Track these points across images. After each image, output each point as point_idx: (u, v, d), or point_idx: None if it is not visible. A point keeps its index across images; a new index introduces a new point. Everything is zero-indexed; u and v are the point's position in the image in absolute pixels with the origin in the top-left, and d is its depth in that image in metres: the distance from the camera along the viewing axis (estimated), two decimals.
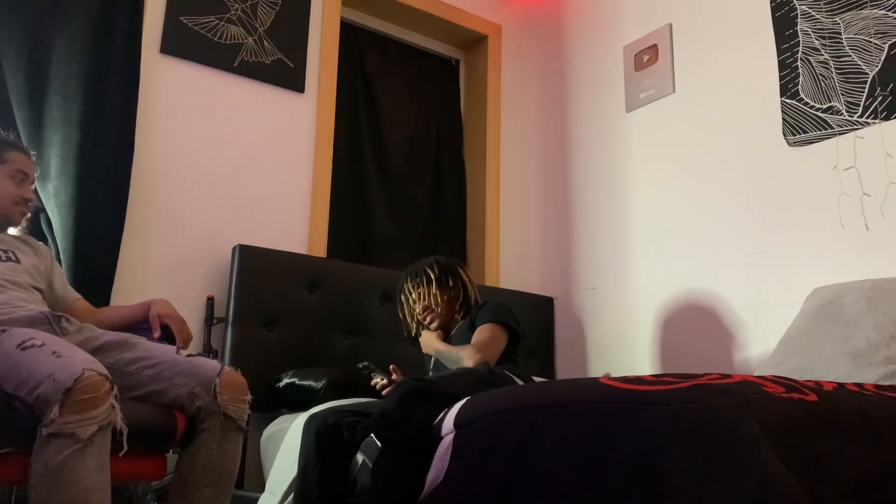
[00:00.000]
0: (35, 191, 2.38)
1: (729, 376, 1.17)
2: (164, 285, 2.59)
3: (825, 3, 2.58)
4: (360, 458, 1.91)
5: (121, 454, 1.47)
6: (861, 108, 2.43)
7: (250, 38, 2.94)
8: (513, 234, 3.58)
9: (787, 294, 2.52)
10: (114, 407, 1.46)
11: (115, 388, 1.48)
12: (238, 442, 1.73)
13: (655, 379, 1.17)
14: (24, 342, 1.50)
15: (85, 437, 1.39)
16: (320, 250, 2.97)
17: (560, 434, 1.13)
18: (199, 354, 1.80)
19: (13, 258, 1.87)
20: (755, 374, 1.98)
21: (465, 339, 2.31)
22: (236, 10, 2.93)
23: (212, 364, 1.74)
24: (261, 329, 2.61)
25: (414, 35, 3.68)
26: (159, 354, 1.73)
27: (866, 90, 2.42)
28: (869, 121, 2.41)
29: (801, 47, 2.62)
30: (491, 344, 2.25)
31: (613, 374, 2.16)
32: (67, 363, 1.45)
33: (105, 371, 1.48)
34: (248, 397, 1.75)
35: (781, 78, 2.66)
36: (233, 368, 1.76)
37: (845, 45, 2.50)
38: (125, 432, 1.48)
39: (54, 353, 1.48)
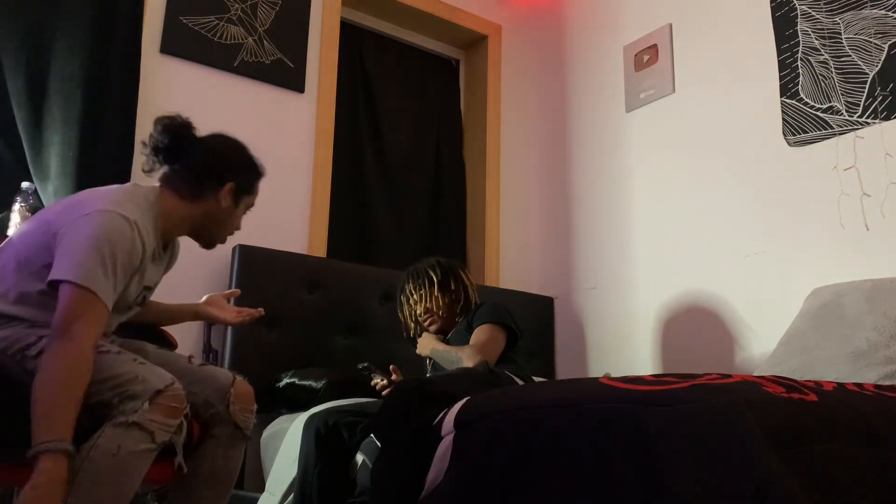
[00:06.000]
0: (35, 191, 2.38)
1: (729, 376, 1.17)
2: (164, 285, 2.57)
3: (825, 3, 2.58)
4: (360, 458, 1.91)
5: (176, 460, 1.53)
6: (861, 108, 2.43)
7: (250, 38, 2.94)
8: (513, 234, 3.58)
9: (787, 294, 2.52)
10: (182, 426, 1.51)
11: (188, 408, 1.54)
12: (241, 449, 1.76)
13: (655, 379, 1.17)
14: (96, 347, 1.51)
15: (159, 441, 1.46)
16: (320, 250, 2.97)
17: (560, 434, 1.13)
18: (207, 363, 1.83)
19: (144, 300, 1.81)
20: (755, 374, 1.99)
21: (462, 341, 2.30)
22: (236, 10, 2.93)
23: (225, 374, 1.77)
24: (261, 329, 2.60)
25: (414, 35, 3.68)
26: (174, 362, 1.74)
27: (866, 90, 2.42)
28: (869, 121, 2.41)
29: (801, 47, 2.62)
30: (490, 344, 2.24)
31: (613, 374, 2.16)
32: (155, 371, 1.51)
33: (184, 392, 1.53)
34: (255, 407, 1.79)
35: (781, 78, 2.66)
36: (243, 378, 1.79)
37: (845, 45, 2.50)
38: (179, 450, 1.53)
39: (135, 359, 1.53)
